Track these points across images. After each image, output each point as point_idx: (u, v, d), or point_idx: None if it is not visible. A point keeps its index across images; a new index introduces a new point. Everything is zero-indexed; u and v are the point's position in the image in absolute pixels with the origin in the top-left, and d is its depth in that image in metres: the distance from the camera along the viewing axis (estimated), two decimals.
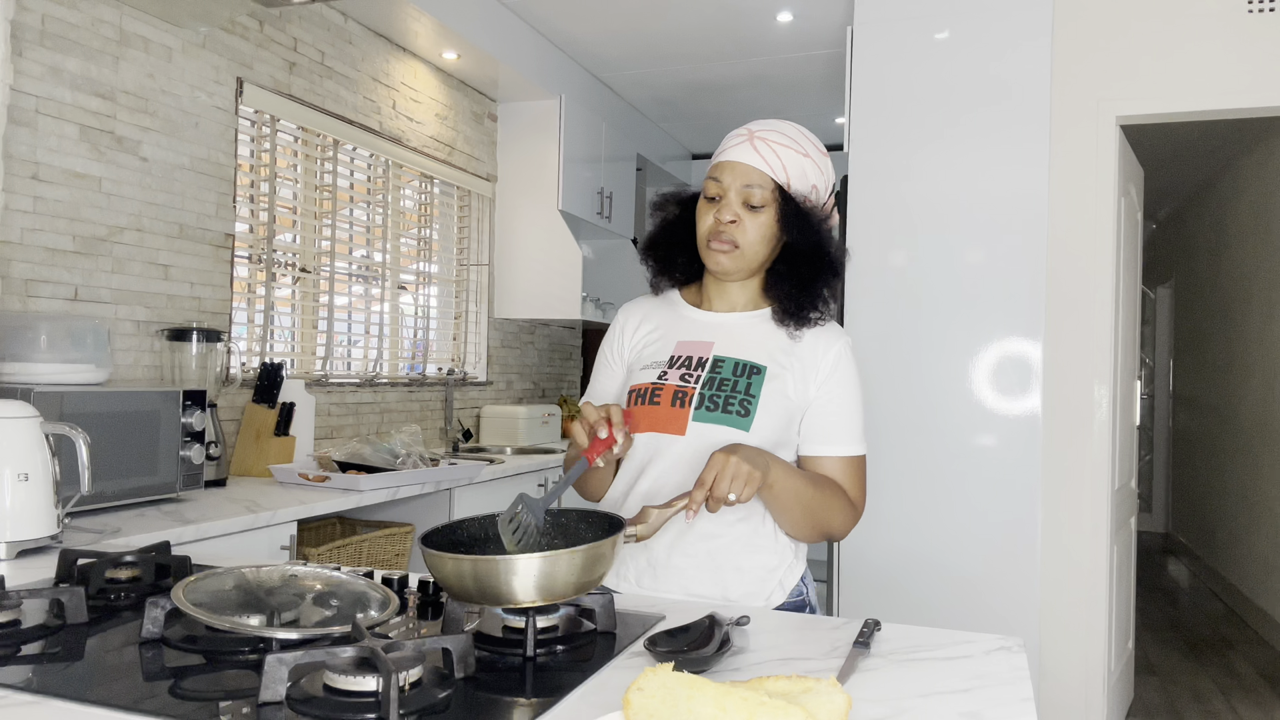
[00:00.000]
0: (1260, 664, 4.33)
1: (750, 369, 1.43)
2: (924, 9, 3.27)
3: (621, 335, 1.57)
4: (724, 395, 1.40)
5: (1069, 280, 3.17)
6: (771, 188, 1.41)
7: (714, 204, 1.43)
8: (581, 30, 4.05)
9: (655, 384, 1.44)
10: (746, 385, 1.41)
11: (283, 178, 3.17)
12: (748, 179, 1.40)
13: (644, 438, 1.43)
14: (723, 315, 1.50)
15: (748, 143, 1.41)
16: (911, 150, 3.27)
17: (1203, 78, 3.04)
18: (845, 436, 1.43)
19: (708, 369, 1.44)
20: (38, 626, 1.08)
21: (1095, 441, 3.15)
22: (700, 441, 1.39)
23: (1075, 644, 3.15)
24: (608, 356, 1.58)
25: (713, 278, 1.50)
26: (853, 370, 1.46)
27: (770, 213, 1.41)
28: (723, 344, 1.46)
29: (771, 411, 1.40)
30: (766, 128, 1.43)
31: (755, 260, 1.44)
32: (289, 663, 0.86)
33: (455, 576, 1.01)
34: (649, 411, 1.43)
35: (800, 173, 1.42)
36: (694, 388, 1.42)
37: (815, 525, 1.39)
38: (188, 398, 2.26)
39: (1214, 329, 6.15)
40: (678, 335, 1.50)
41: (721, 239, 1.41)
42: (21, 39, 2.23)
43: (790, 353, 1.44)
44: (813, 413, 1.44)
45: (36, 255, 2.29)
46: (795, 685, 0.85)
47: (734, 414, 1.39)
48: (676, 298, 1.56)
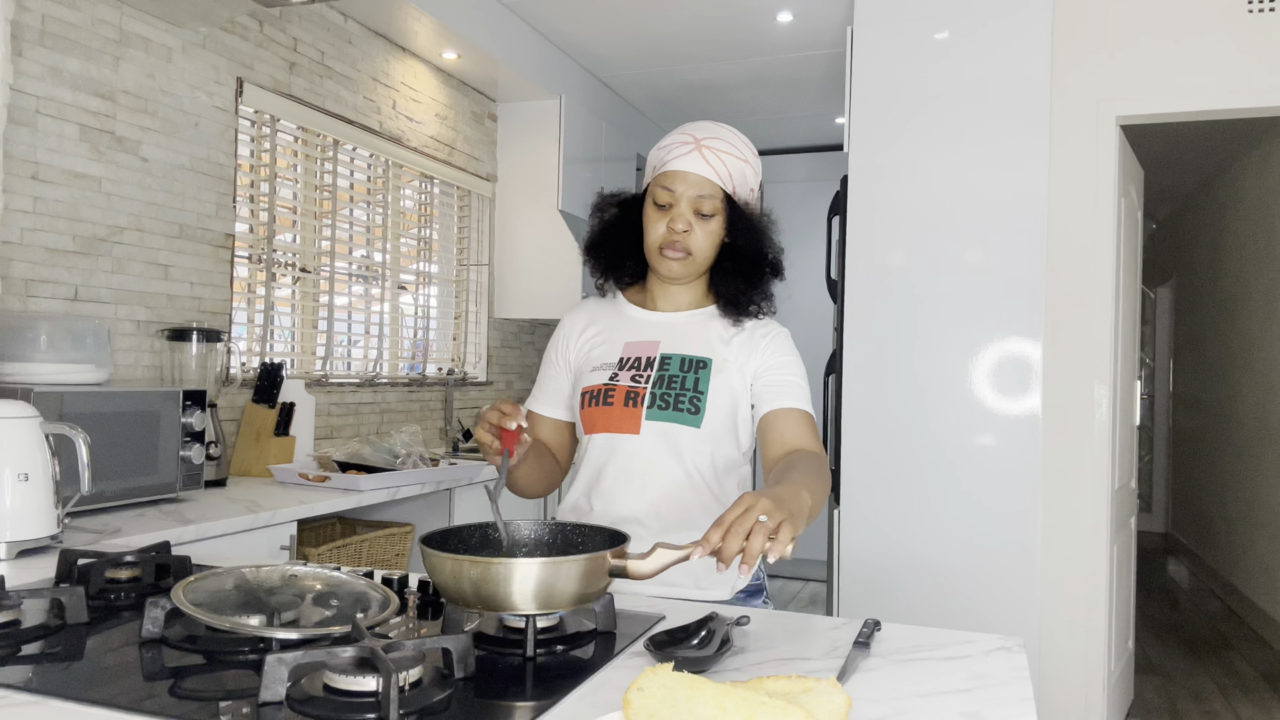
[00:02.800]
0: (1260, 664, 4.33)
1: (696, 364, 1.47)
2: (924, 9, 3.27)
3: (567, 340, 1.59)
4: (674, 393, 1.45)
5: (1069, 280, 3.17)
6: (721, 197, 1.46)
7: (664, 211, 1.46)
8: (581, 30, 4.05)
9: (607, 385, 1.48)
10: (695, 380, 1.45)
11: (283, 178, 3.17)
12: (700, 189, 1.44)
13: (600, 438, 1.47)
14: (668, 314, 1.54)
15: (696, 151, 1.44)
16: (911, 150, 3.27)
17: (1203, 78, 3.04)
18: (798, 394, 1.46)
19: (656, 367, 1.47)
20: (38, 626, 1.08)
21: (1095, 441, 3.15)
22: (653, 439, 1.44)
23: (1075, 644, 3.15)
24: (553, 360, 1.60)
25: (658, 279, 1.53)
26: (790, 347, 1.51)
27: (719, 220, 1.47)
28: (668, 342, 1.50)
29: (719, 405, 1.45)
30: (711, 135, 1.46)
31: (705, 264, 1.50)
32: (289, 663, 0.86)
33: (454, 578, 1.01)
34: (603, 412, 1.46)
35: (743, 178, 1.48)
36: (645, 387, 1.46)
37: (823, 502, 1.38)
38: (188, 398, 2.26)
39: (1214, 329, 6.15)
40: (624, 336, 1.53)
41: (676, 247, 1.45)
42: (21, 39, 2.23)
43: (730, 343, 1.49)
44: (761, 378, 1.47)
45: (36, 255, 2.29)
46: (795, 685, 0.85)
47: (684, 411, 1.44)
48: (621, 299, 1.59)
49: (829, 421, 3.44)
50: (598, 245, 1.56)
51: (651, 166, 1.51)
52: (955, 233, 3.21)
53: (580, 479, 1.52)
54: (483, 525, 1.20)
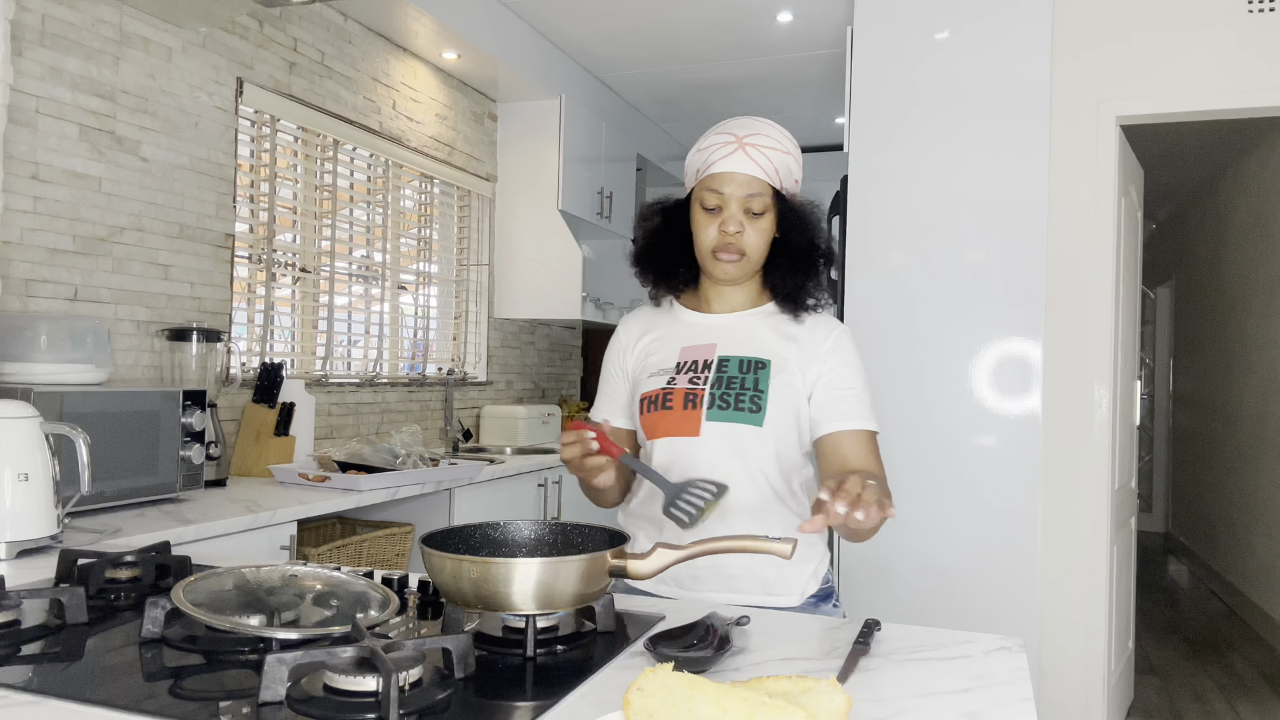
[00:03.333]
0: (1260, 664, 4.33)
1: (755, 364, 1.44)
2: (924, 9, 3.27)
3: (624, 349, 1.58)
4: (734, 393, 1.42)
5: (1069, 280, 3.17)
6: (770, 194, 1.44)
7: (714, 214, 1.44)
8: (581, 30, 4.05)
9: (665, 389, 1.46)
10: (755, 381, 1.43)
11: (283, 178, 3.17)
12: (748, 189, 1.42)
13: (662, 443, 1.45)
14: (724, 316, 1.52)
15: (740, 150, 1.42)
16: (911, 150, 3.27)
17: (1203, 78, 3.04)
18: (859, 412, 1.45)
19: (714, 369, 1.45)
20: (38, 626, 1.08)
21: (1095, 441, 3.15)
22: (715, 441, 1.42)
23: (1075, 644, 3.15)
24: (612, 371, 1.59)
25: (711, 282, 1.51)
26: (853, 352, 1.49)
27: (770, 217, 1.45)
28: (725, 344, 1.48)
29: (781, 404, 1.42)
30: (752, 131, 1.44)
31: (759, 263, 1.48)
32: (289, 663, 0.86)
33: (454, 578, 1.01)
34: (663, 416, 1.45)
35: (788, 171, 1.46)
36: (703, 389, 1.44)
37: None
38: (188, 398, 2.26)
39: (1214, 329, 6.15)
40: (680, 341, 1.51)
41: (729, 249, 1.44)
42: (21, 39, 2.23)
43: (791, 342, 1.47)
44: (819, 392, 1.45)
45: (36, 255, 2.29)
46: (795, 685, 0.85)
47: (745, 410, 1.41)
48: (675, 305, 1.57)
49: None
50: (647, 254, 1.55)
51: (694, 169, 1.48)
52: (955, 233, 3.21)
53: (644, 485, 1.50)
54: (483, 525, 1.20)
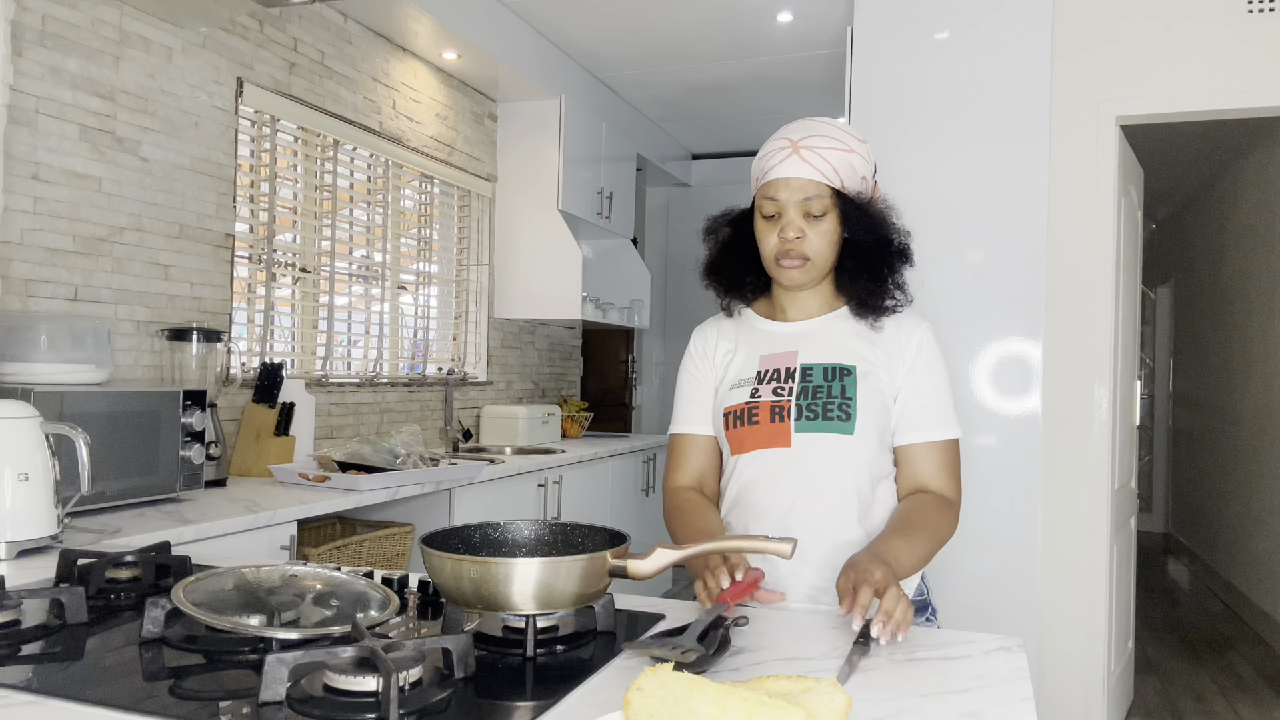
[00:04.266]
0: (1260, 664, 4.33)
1: (840, 371, 1.42)
2: (924, 9, 3.27)
3: (703, 354, 1.56)
4: (821, 402, 1.40)
5: (1069, 280, 3.17)
6: (829, 195, 1.41)
7: (773, 222, 1.42)
8: (581, 30, 4.05)
9: (749, 403, 1.44)
10: (841, 388, 1.41)
11: (283, 178, 3.17)
12: (804, 192, 1.40)
13: (748, 457, 1.44)
14: (800, 323, 1.49)
15: (794, 155, 1.40)
16: (911, 150, 3.27)
17: (1203, 78, 3.04)
18: (935, 421, 1.43)
19: (798, 379, 1.43)
20: (38, 626, 1.08)
21: (1095, 441, 3.15)
22: (806, 452, 1.40)
23: (1075, 644, 3.15)
24: (694, 377, 1.55)
25: (782, 289, 1.49)
26: (937, 354, 1.46)
27: (832, 218, 1.42)
28: (806, 351, 1.46)
29: (870, 409, 1.41)
30: (807, 134, 1.42)
31: (825, 267, 1.45)
32: (289, 663, 0.86)
33: (454, 578, 1.01)
34: (750, 432, 1.43)
35: (850, 169, 1.42)
36: (789, 400, 1.42)
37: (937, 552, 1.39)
38: (188, 398, 2.26)
39: (1214, 329, 6.15)
40: (759, 350, 1.49)
41: (791, 256, 1.42)
42: (21, 39, 2.23)
43: (874, 346, 1.45)
44: (902, 401, 1.43)
45: (36, 255, 2.29)
46: (795, 685, 0.85)
47: (835, 419, 1.39)
48: (749, 314, 1.55)
49: None
50: (716, 267, 1.53)
51: (754, 178, 1.47)
52: (955, 233, 3.21)
53: (730, 498, 1.48)
54: (483, 525, 1.20)
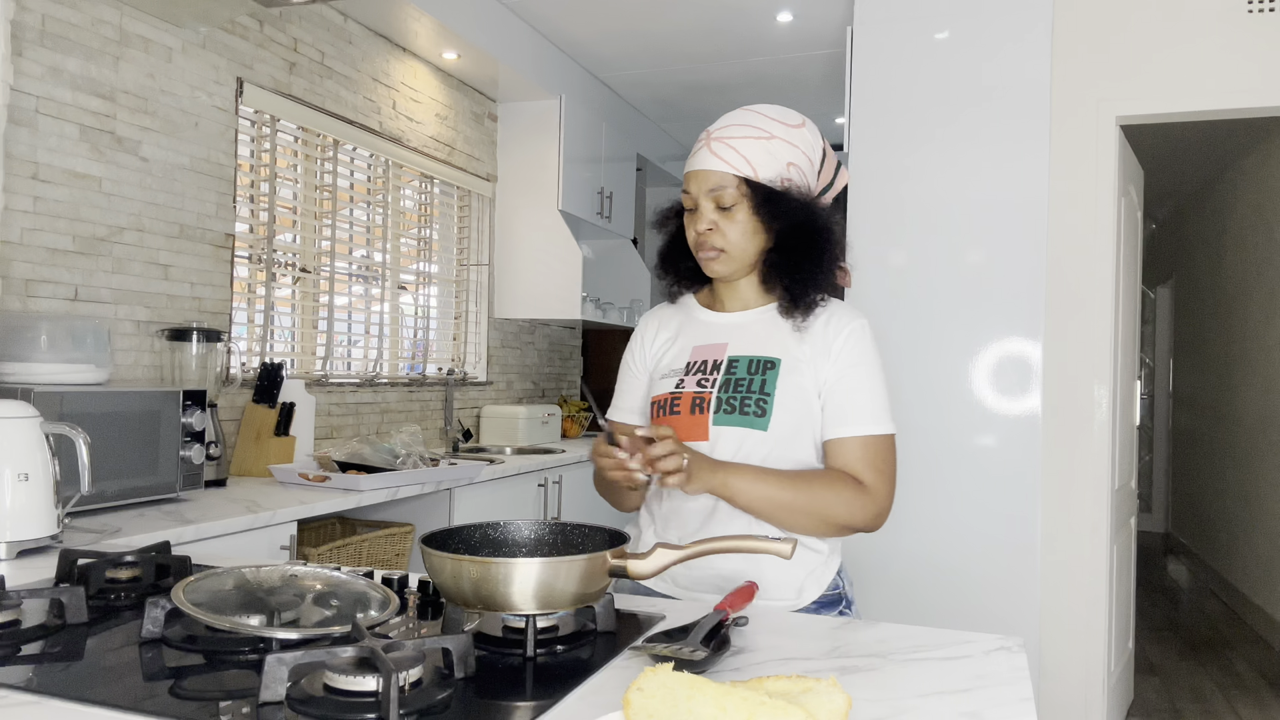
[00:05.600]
0: (1260, 664, 4.33)
1: (764, 364, 1.42)
2: (924, 9, 3.27)
3: (641, 345, 1.58)
4: (740, 396, 1.40)
5: (1069, 280, 3.17)
6: (737, 185, 1.40)
7: (693, 215, 1.46)
8: (581, 30, 4.05)
9: (673, 393, 1.45)
10: (761, 383, 1.41)
11: (283, 178, 3.17)
12: (711, 183, 1.41)
13: None
14: (735, 314, 1.50)
15: (705, 147, 1.43)
16: (912, 150, 3.27)
17: (1203, 78, 3.04)
18: (861, 416, 1.40)
19: (723, 370, 1.44)
20: (38, 626, 1.08)
21: (1095, 441, 3.15)
22: (722, 445, 1.40)
23: (1075, 644, 3.15)
24: (631, 368, 1.59)
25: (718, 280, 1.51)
26: (868, 348, 1.44)
27: (744, 209, 1.41)
28: (736, 343, 1.46)
29: (788, 407, 1.40)
30: (723, 124, 1.44)
31: (746, 257, 1.44)
32: (289, 663, 0.86)
33: (454, 578, 1.01)
34: (671, 422, 1.44)
35: (767, 157, 1.40)
36: (711, 392, 1.42)
37: (814, 522, 1.37)
38: (188, 398, 2.26)
39: (1214, 329, 6.15)
40: (693, 340, 1.51)
41: (706, 247, 1.44)
42: (21, 39, 2.23)
43: (803, 341, 1.43)
44: (827, 395, 1.42)
45: (36, 255, 2.29)
46: (795, 685, 0.85)
47: (750, 414, 1.39)
48: (692, 302, 1.57)
49: None
50: (663, 255, 1.56)
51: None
52: (955, 233, 3.21)
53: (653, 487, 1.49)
54: (483, 525, 1.20)
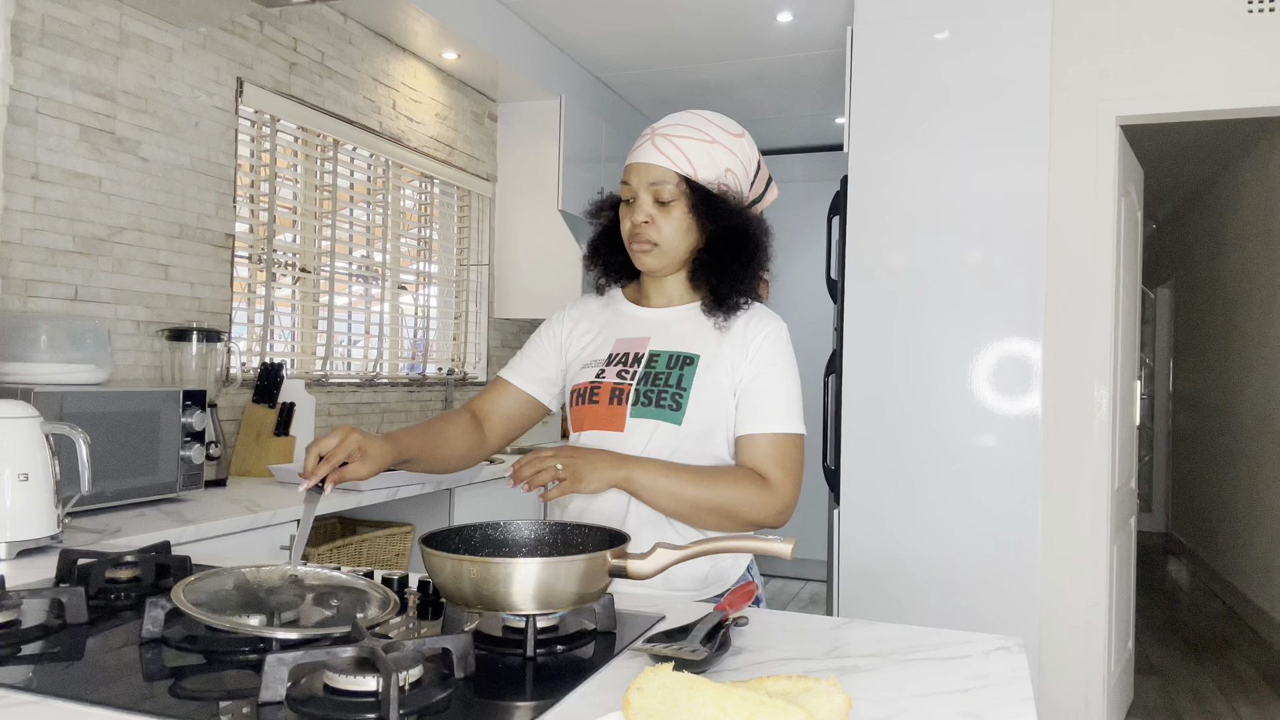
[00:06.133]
0: (1260, 664, 4.33)
1: (683, 360, 1.46)
2: (924, 9, 3.27)
3: (562, 326, 1.60)
4: (658, 389, 1.44)
5: (1069, 280, 3.17)
6: (677, 181, 1.43)
7: (630, 206, 1.48)
8: (581, 30, 4.05)
9: (594, 383, 1.48)
10: (679, 377, 1.44)
11: (283, 178, 3.17)
12: (652, 177, 1.44)
13: (587, 436, 1.48)
14: (660, 310, 1.53)
15: (650, 142, 1.46)
16: (911, 150, 3.27)
17: (1203, 78, 3.04)
18: (769, 415, 1.42)
19: (643, 364, 1.47)
20: (38, 626, 1.08)
21: (1095, 441, 3.15)
22: (638, 437, 1.43)
23: (1075, 644, 3.15)
24: (544, 340, 1.60)
25: (645, 274, 1.54)
26: (783, 350, 1.47)
27: (681, 206, 1.44)
28: (659, 338, 1.49)
29: (703, 402, 1.42)
30: (668, 123, 1.47)
31: (678, 254, 1.47)
32: (289, 663, 0.86)
33: (454, 578, 1.01)
34: (590, 410, 1.47)
35: (708, 160, 1.44)
36: (630, 384, 1.46)
37: (718, 519, 1.39)
38: (188, 398, 2.26)
39: (1214, 329, 6.15)
40: (616, 333, 1.54)
41: (640, 239, 1.46)
42: (21, 39, 2.23)
43: (723, 339, 1.46)
44: (742, 393, 1.44)
45: (36, 255, 2.29)
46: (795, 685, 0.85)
47: (666, 407, 1.42)
48: (618, 295, 1.60)
49: (829, 421, 3.44)
50: (594, 247, 1.58)
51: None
52: (955, 233, 3.21)
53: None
54: (483, 525, 1.20)
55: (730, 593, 1.20)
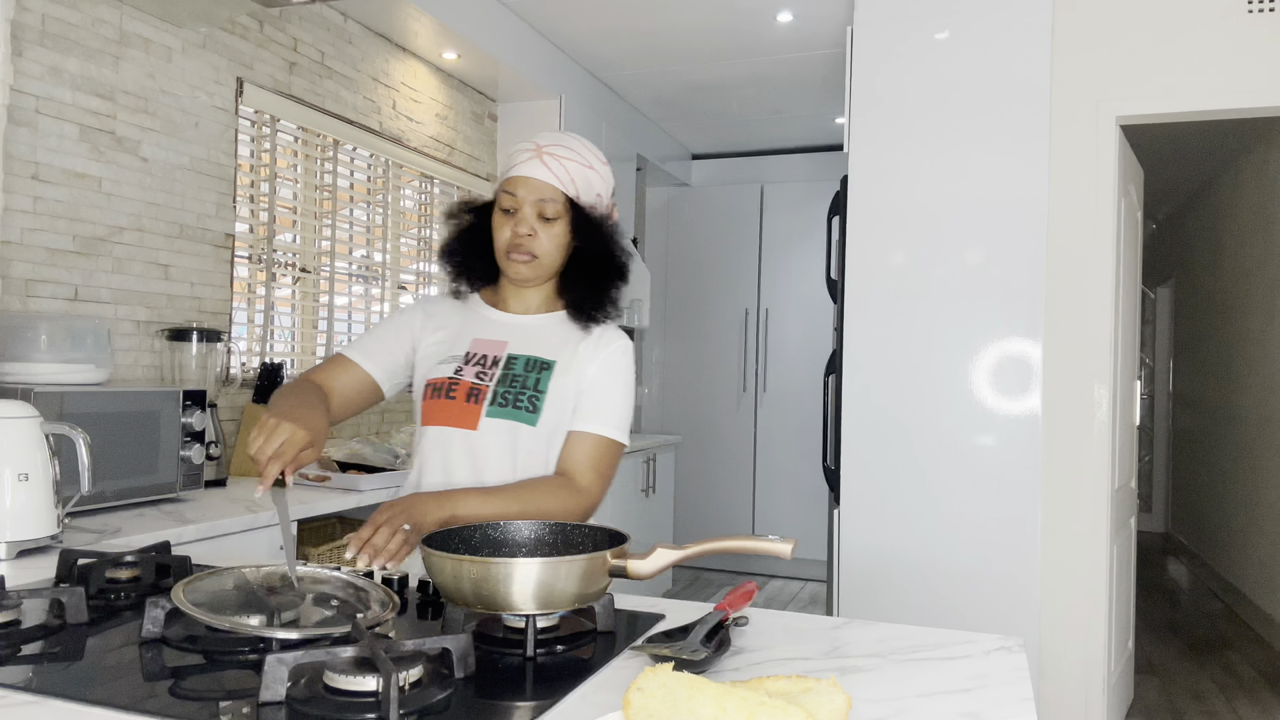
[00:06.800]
0: (1260, 664, 4.33)
1: (541, 364, 1.51)
2: (924, 9, 3.27)
3: (416, 317, 1.60)
4: (515, 392, 1.48)
5: (1069, 280, 3.17)
6: (563, 200, 1.50)
7: (510, 216, 1.50)
8: (581, 30, 4.05)
9: (451, 379, 1.50)
10: (536, 381, 1.49)
11: (283, 178, 3.17)
12: (541, 193, 1.48)
13: (435, 430, 1.50)
14: (518, 316, 1.57)
15: (537, 158, 1.49)
16: (911, 150, 3.27)
17: (1203, 78, 3.04)
18: (597, 418, 1.50)
19: (502, 367, 1.51)
20: (38, 626, 1.08)
21: (1095, 441, 3.15)
22: (489, 437, 1.46)
23: (1075, 644, 3.15)
24: (398, 325, 1.59)
25: (509, 282, 1.57)
26: (627, 365, 1.55)
27: (563, 224, 1.51)
28: (517, 343, 1.53)
29: (557, 405, 1.49)
30: (553, 143, 1.52)
31: (552, 268, 1.53)
32: (289, 663, 0.86)
33: (454, 578, 1.01)
34: (443, 405, 1.49)
35: (587, 184, 1.52)
36: (488, 385, 1.49)
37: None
38: (188, 398, 2.26)
39: (1214, 329, 6.15)
40: (474, 333, 1.56)
41: (520, 250, 1.50)
42: (21, 39, 2.23)
43: (578, 348, 1.53)
44: (581, 395, 1.51)
45: (36, 255, 2.29)
46: (795, 685, 0.85)
47: (523, 410, 1.47)
48: (475, 299, 1.62)
49: (829, 421, 3.44)
50: (451, 250, 1.60)
51: (500, 174, 1.55)
52: (955, 233, 3.21)
53: (414, 469, 1.55)
54: (483, 525, 1.20)
55: (730, 593, 1.20)
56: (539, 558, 1.01)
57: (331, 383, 1.52)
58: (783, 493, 5.74)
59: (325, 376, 1.52)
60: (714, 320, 5.91)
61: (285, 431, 1.23)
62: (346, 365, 1.54)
